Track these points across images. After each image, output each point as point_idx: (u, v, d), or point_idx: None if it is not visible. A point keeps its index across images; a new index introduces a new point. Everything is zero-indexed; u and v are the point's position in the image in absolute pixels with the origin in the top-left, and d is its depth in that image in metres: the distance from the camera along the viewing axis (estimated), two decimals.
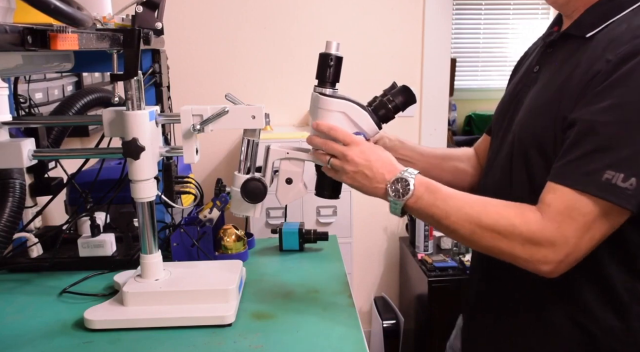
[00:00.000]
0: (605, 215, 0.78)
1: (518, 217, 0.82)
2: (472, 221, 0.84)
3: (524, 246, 0.81)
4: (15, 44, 0.66)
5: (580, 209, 0.78)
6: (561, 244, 0.79)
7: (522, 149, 0.91)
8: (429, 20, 2.49)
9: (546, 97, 0.88)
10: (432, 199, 0.87)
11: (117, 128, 1.01)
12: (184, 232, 1.22)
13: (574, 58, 0.87)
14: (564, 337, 0.90)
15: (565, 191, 0.79)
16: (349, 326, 0.99)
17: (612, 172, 0.76)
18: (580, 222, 0.78)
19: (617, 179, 0.75)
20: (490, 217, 0.83)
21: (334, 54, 0.95)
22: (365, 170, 0.92)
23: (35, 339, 0.96)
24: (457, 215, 0.85)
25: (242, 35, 2.43)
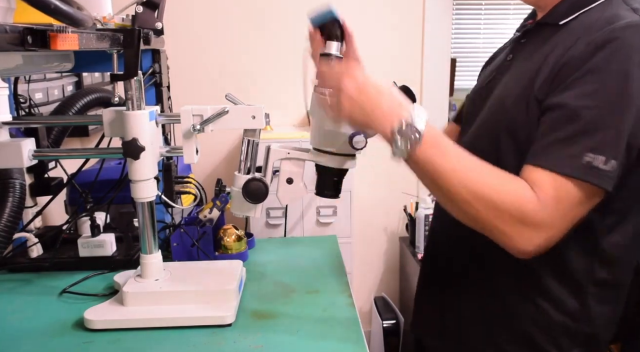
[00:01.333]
0: (587, 198, 0.79)
1: (517, 194, 0.80)
2: (472, 188, 0.80)
3: (515, 223, 0.79)
4: (15, 44, 0.66)
5: (566, 193, 0.79)
6: (548, 228, 0.80)
7: (492, 132, 0.91)
8: (429, 20, 2.50)
9: (519, 81, 0.89)
10: (438, 154, 0.82)
11: (117, 128, 1.01)
12: (184, 232, 1.22)
13: (547, 44, 0.88)
14: (518, 314, 0.92)
15: (551, 175, 0.79)
16: (349, 326, 0.99)
17: (593, 155, 0.77)
18: (566, 206, 0.79)
19: (598, 161, 0.77)
20: (493, 188, 0.80)
21: (334, 54, 0.95)
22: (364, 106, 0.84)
23: (35, 339, 0.96)
24: (459, 179, 0.81)
25: (242, 35, 2.43)
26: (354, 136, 0.94)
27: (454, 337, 1.02)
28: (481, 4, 3.14)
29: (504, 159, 0.88)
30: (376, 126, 0.84)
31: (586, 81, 0.79)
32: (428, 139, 0.81)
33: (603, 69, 0.78)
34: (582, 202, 0.80)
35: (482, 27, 3.72)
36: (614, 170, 0.78)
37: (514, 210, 0.79)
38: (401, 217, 2.67)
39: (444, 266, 1.05)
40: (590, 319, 0.91)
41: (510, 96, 0.89)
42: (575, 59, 0.80)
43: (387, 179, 2.62)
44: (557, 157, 0.79)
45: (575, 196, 0.79)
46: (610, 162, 0.77)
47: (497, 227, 0.81)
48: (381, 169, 2.56)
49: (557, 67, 0.82)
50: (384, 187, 2.63)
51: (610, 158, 0.77)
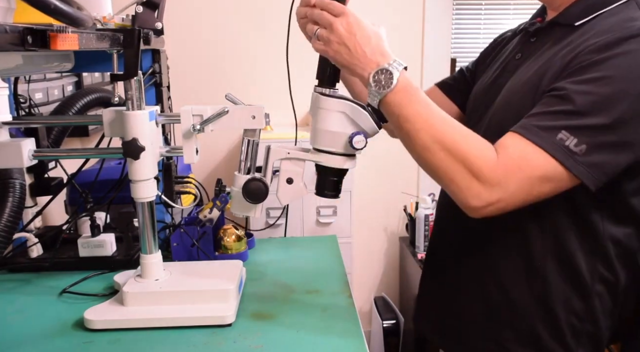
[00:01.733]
0: (551, 174, 0.79)
1: (477, 149, 0.82)
2: (434, 134, 0.83)
3: (468, 176, 0.81)
4: (15, 44, 0.66)
5: (530, 161, 0.79)
6: (499, 188, 0.80)
7: (499, 129, 0.91)
8: (429, 20, 2.50)
9: (529, 82, 0.89)
10: (406, 100, 0.85)
11: (117, 128, 1.01)
12: (184, 232, 1.22)
13: (560, 44, 0.88)
14: (523, 312, 0.92)
15: (521, 141, 0.80)
16: (349, 326, 0.99)
17: (567, 133, 0.78)
18: (525, 173, 0.79)
19: (570, 141, 0.78)
20: (453, 138, 0.82)
21: None
22: (350, 47, 0.87)
23: (35, 339, 0.96)
24: (422, 124, 0.84)
25: (242, 35, 2.43)
26: (354, 136, 0.94)
27: (455, 334, 1.02)
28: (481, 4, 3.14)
29: None
30: (356, 69, 0.87)
31: (590, 70, 0.79)
32: (401, 86, 0.85)
33: (611, 63, 0.78)
34: (545, 177, 0.79)
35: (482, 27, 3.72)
36: (582, 153, 0.77)
37: (469, 163, 0.81)
38: (401, 217, 2.67)
39: (447, 262, 1.05)
40: (594, 319, 0.91)
41: (519, 95, 0.90)
42: (585, 52, 0.81)
43: (387, 179, 2.62)
44: (533, 126, 0.80)
45: (538, 168, 0.79)
46: (581, 146, 0.77)
47: (452, 178, 0.82)
48: (381, 169, 2.57)
49: (565, 61, 0.83)
50: (384, 187, 2.63)
51: (583, 143, 0.77)
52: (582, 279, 0.89)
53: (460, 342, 1.01)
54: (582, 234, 0.86)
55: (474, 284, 0.98)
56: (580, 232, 0.86)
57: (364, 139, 0.94)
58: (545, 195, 0.81)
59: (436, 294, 1.08)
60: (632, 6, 0.85)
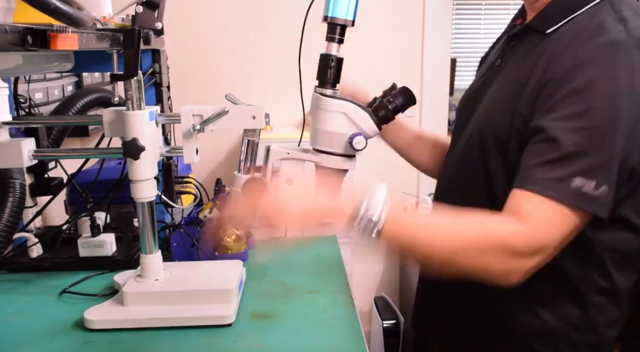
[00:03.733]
0: (579, 222, 0.78)
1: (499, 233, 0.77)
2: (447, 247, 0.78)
3: (506, 259, 0.77)
4: (15, 44, 0.66)
5: (559, 219, 0.76)
6: (542, 253, 0.77)
7: (480, 143, 0.90)
8: (429, 20, 2.49)
9: (506, 92, 0.88)
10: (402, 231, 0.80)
11: (117, 128, 1.01)
12: (184, 232, 1.22)
13: (533, 53, 0.86)
14: (518, 324, 0.90)
15: (541, 200, 0.76)
16: (349, 326, 0.99)
17: (583, 179, 0.74)
18: (559, 233, 0.77)
19: (588, 187, 0.74)
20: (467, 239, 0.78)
21: (334, 54, 0.95)
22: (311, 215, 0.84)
23: (35, 339, 0.96)
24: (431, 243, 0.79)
25: (242, 35, 2.43)
26: (354, 137, 0.94)
27: (452, 344, 1.01)
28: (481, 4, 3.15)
29: (493, 170, 0.88)
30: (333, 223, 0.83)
31: (570, 103, 0.77)
32: (388, 225, 0.78)
33: (587, 90, 0.76)
34: (575, 225, 0.77)
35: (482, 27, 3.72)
36: (605, 195, 0.75)
37: (500, 248, 0.77)
38: None
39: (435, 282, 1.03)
40: (593, 328, 0.89)
41: (497, 107, 0.89)
42: (558, 76, 0.78)
43: (387, 179, 2.61)
44: (544, 179, 0.77)
45: (568, 223, 0.77)
46: (601, 188, 0.75)
47: (489, 270, 0.78)
48: (381, 169, 2.56)
49: (541, 83, 0.81)
50: None
51: (602, 183, 0.75)
52: (577, 288, 0.87)
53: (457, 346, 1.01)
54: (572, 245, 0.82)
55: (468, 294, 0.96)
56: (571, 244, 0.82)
57: (364, 140, 0.94)
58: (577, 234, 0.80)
59: (431, 299, 1.08)
60: (605, 8, 0.82)
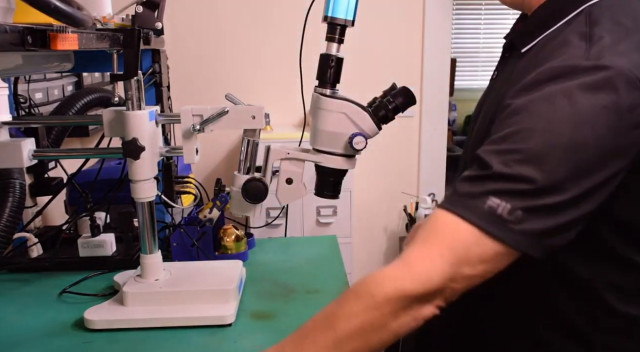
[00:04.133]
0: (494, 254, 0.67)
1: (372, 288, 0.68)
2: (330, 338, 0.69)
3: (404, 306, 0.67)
4: (15, 44, 0.66)
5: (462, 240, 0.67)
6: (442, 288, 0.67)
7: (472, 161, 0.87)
8: (429, 20, 2.50)
9: (487, 112, 0.84)
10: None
11: (117, 128, 1.01)
12: (184, 232, 1.22)
13: (507, 74, 0.82)
14: None
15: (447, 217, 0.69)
16: None
17: (497, 199, 0.66)
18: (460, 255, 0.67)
19: (502, 209, 0.66)
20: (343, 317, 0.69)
21: (334, 54, 0.95)
22: None
23: (35, 339, 0.96)
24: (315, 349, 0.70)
25: (242, 35, 2.43)
26: (354, 137, 0.94)
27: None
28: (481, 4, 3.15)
29: None
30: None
31: (503, 125, 0.70)
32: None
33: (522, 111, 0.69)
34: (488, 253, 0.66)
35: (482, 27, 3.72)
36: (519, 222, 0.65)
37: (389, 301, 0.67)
38: (401, 217, 2.67)
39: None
40: None
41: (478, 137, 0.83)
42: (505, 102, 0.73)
43: (387, 179, 2.62)
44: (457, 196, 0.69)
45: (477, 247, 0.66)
46: (515, 213, 0.65)
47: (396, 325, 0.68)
48: (381, 169, 2.57)
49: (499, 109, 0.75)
50: (384, 187, 2.63)
51: (517, 209, 0.65)
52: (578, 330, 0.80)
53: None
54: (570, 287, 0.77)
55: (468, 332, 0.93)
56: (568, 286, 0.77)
57: (364, 140, 0.94)
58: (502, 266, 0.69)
59: None
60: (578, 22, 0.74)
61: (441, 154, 2.60)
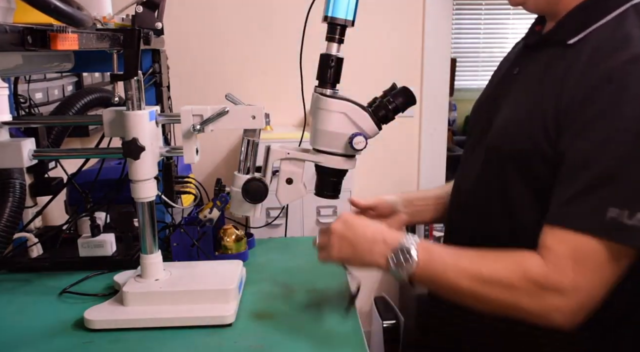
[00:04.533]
0: (617, 257, 0.72)
1: (519, 265, 0.76)
2: (471, 274, 0.79)
3: (531, 296, 0.75)
4: (15, 44, 0.66)
5: (587, 253, 0.72)
6: (571, 292, 0.73)
7: (498, 159, 0.88)
8: (429, 20, 2.50)
9: (524, 108, 0.84)
10: (436, 268, 0.82)
11: (117, 128, 1.01)
12: (184, 232, 1.22)
13: (555, 67, 0.82)
14: None
15: (566, 233, 0.73)
16: (349, 326, 0.99)
17: (616, 209, 0.69)
18: (590, 267, 0.72)
19: (623, 216, 0.69)
20: (489, 268, 0.78)
21: (334, 54, 0.95)
22: (351, 238, 0.88)
23: (35, 339, 0.96)
24: (455, 270, 0.80)
25: (242, 35, 2.43)
26: (354, 137, 0.94)
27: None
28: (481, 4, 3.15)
29: (509, 188, 0.85)
30: (365, 257, 0.87)
31: (597, 127, 0.72)
32: (422, 259, 0.82)
33: (613, 112, 0.71)
34: (610, 261, 0.71)
35: (482, 27, 3.72)
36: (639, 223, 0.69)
37: (522, 280, 0.75)
38: None
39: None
40: None
41: (514, 122, 0.85)
42: (582, 95, 0.74)
43: (387, 179, 2.62)
44: (575, 213, 0.73)
45: (600, 256, 0.71)
46: (636, 216, 0.69)
47: (517, 305, 0.76)
48: (381, 169, 2.57)
49: (564, 102, 0.77)
50: (384, 187, 2.63)
51: (636, 211, 0.69)
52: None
53: None
54: None
55: None
56: None
57: (364, 140, 0.94)
58: (622, 273, 0.74)
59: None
60: (630, 17, 0.77)
61: (441, 154, 2.60)
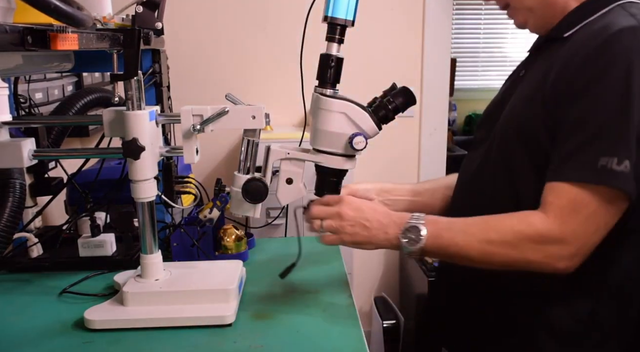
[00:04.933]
0: (608, 202, 0.80)
1: (522, 223, 0.83)
2: (480, 239, 0.85)
3: (535, 249, 0.81)
4: (15, 44, 0.66)
5: (582, 201, 0.79)
6: (571, 239, 0.80)
7: (503, 141, 0.93)
8: (429, 20, 2.49)
9: (529, 91, 0.91)
10: (445, 240, 0.88)
11: (117, 128, 1.01)
12: (184, 232, 1.22)
13: (553, 56, 0.89)
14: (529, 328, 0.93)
15: (564, 187, 0.81)
16: (349, 326, 0.99)
17: (606, 158, 0.78)
18: (584, 214, 0.80)
19: (611, 163, 0.77)
20: (496, 231, 0.84)
21: (334, 54, 0.95)
22: (364, 222, 0.92)
23: (35, 339, 0.96)
24: (464, 238, 0.86)
25: (242, 35, 2.43)
26: (354, 137, 0.94)
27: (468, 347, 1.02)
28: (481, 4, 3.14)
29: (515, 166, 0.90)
30: (378, 238, 0.92)
31: (589, 92, 0.80)
32: (431, 233, 0.88)
33: (603, 77, 0.79)
34: (603, 207, 0.80)
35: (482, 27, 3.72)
36: (628, 170, 0.78)
37: (527, 236, 0.82)
38: None
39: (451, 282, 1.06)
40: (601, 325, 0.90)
41: (518, 107, 0.92)
42: (576, 69, 0.82)
43: (387, 179, 2.62)
44: (570, 167, 0.81)
45: (592, 202, 0.79)
46: (624, 163, 0.77)
47: (524, 259, 0.83)
48: (381, 169, 2.56)
49: (560, 77, 0.84)
50: None
51: (624, 158, 0.77)
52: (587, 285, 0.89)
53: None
54: None
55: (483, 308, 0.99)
56: None
57: (364, 140, 0.94)
58: (614, 219, 0.82)
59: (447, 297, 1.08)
60: (616, 10, 0.86)
61: (441, 154, 2.60)
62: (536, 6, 0.93)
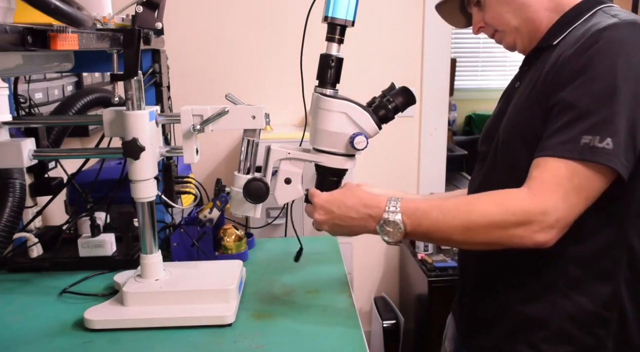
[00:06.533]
0: (591, 177, 0.83)
1: (506, 200, 0.85)
2: (462, 223, 0.86)
3: (519, 225, 0.83)
4: (15, 44, 0.66)
5: (565, 175, 0.82)
6: (552, 210, 0.82)
7: (507, 145, 0.95)
8: (429, 20, 2.49)
9: (524, 96, 0.94)
10: (420, 227, 0.89)
11: (117, 128, 1.01)
12: (184, 232, 1.22)
13: (545, 62, 0.93)
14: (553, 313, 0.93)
15: (548, 161, 0.84)
16: (349, 326, 0.99)
17: (589, 136, 0.81)
18: (566, 187, 0.82)
19: (594, 141, 0.81)
20: (478, 213, 0.86)
21: (334, 55, 0.95)
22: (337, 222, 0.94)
23: (35, 339, 0.96)
24: (445, 222, 0.87)
25: (242, 35, 2.43)
26: (355, 137, 0.94)
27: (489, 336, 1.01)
28: None
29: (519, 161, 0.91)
30: (361, 231, 0.94)
31: (577, 78, 0.84)
32: (409, 224, 0.89)
33: (590, 65, 0.84)
34: (584, 181, 0.82)
35: None
36: (611, 147, 0.81)
37: (512, 213, 0.84)
38: None
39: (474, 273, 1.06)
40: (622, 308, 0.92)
41: (518, 111, 0.94)
42: (565, 62, 0.87)
43: (386, 179, 2.62)
44: (555, 143, 0.84)
45: (575, 176, 0.82)
46: (606, 140, 0.81)
47: (507, 237, 0.84)
48: (381, 169, 2.57)
49: (551, 71, 0.89)
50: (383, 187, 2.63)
51: (606, 136, 0.81)
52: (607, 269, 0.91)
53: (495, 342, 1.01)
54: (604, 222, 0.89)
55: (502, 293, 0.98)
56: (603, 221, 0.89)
57: (364, 140, 0.95)
58: (597, 194, 0.84)
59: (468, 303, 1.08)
60: (598, 14, 0.92)
61: (441, 154, 2.60)
62: (521, 25, 0.97)
